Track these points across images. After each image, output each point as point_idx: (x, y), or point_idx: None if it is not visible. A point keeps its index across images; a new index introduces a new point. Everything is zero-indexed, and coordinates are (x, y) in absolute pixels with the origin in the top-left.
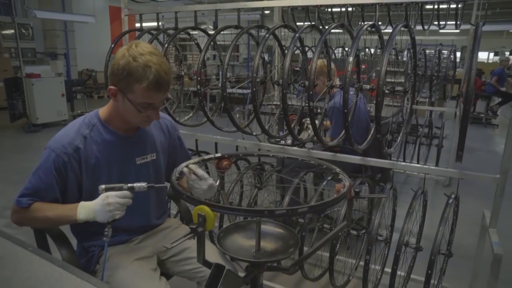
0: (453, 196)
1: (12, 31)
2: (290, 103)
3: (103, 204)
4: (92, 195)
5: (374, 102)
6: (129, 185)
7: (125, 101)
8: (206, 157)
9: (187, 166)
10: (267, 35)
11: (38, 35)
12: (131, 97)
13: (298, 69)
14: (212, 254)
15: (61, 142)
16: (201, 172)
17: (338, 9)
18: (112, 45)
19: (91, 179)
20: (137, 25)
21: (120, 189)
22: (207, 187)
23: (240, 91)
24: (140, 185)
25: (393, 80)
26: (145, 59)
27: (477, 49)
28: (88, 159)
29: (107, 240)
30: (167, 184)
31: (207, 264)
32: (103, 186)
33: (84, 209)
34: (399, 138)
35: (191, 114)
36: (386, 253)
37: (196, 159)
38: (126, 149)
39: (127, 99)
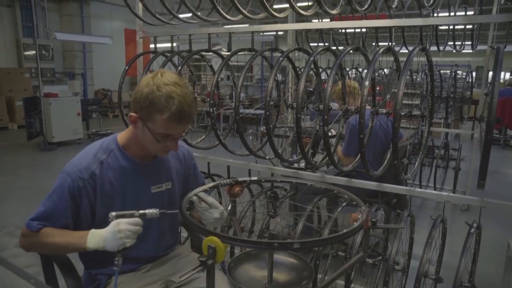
0: (474, 225)
1: (34, 52)
2: (303, 125)
3: (114, 231)
4: (105, 222)
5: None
6: (140, 211)
7: (144, 129)
8: (211, 184)
9: (196, 195)
10: (281, 59)
11: (57, 55)
12: (151, 126)
13: (311, 89)
14: (222, 285)
15: (77, 167)
16: (211, 199)
17: (352, 30)
18: (126, 67)
19: (105, 205)
20: (151, 46)
21: (132, 216)
22: (218, 216)
23: (253, 111)
24: (152, 211)
25: (409, 102)
26: (169, 89)
27: (499, 73)
28: (103, 185)
29: (117, 269)
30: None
31: None
32: (113, 213)
33: (94, 238)
34: (416, 163)
35: (203, 137)
36: (403, 282)
37: (202, 187)
38: (141, 177)
39: (147, 128)
